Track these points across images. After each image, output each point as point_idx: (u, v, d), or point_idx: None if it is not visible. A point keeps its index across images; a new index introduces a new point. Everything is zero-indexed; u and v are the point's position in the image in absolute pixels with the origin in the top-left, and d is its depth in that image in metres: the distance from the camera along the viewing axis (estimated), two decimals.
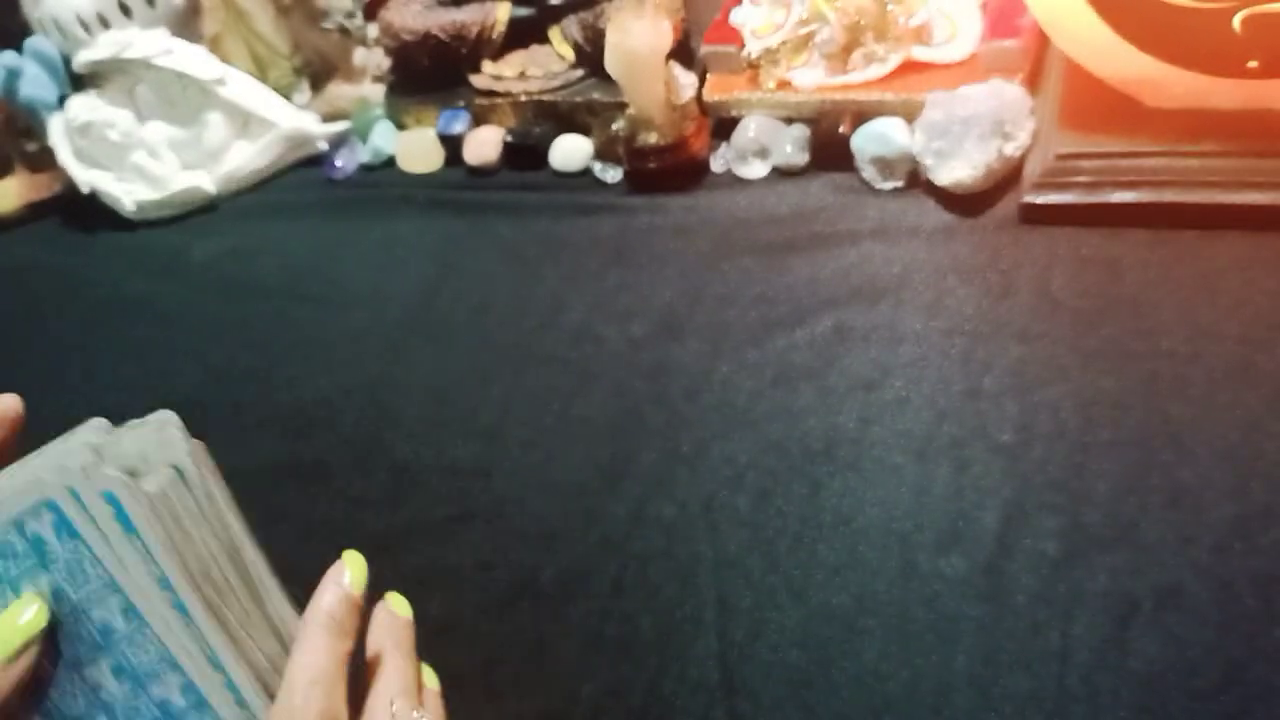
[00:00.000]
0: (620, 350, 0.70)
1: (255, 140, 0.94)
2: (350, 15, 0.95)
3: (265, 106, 0.93)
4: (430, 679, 0.46)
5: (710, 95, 0.81)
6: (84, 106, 0.92)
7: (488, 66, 0.89)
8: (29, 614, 0.38)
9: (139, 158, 0.93)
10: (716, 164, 0.80)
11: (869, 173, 0.74)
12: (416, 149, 0.90)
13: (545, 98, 0.86)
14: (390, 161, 0.92)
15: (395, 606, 0.46)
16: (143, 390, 0.80)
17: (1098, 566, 0.52)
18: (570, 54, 0.87)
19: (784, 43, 0.79)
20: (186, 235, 0.92)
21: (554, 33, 0.88)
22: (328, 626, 0.41)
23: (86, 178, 0.93)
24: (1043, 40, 0.74)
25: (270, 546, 0.44)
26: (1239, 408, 0.56)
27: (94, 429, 0.43)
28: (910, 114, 0.73)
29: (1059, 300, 0.64)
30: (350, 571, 0.43)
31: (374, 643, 0.44)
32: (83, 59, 0.91)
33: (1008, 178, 0.70)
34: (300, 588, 0.65)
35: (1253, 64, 0.61)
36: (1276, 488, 0.53)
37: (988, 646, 0.51)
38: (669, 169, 0.79)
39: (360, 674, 0.43)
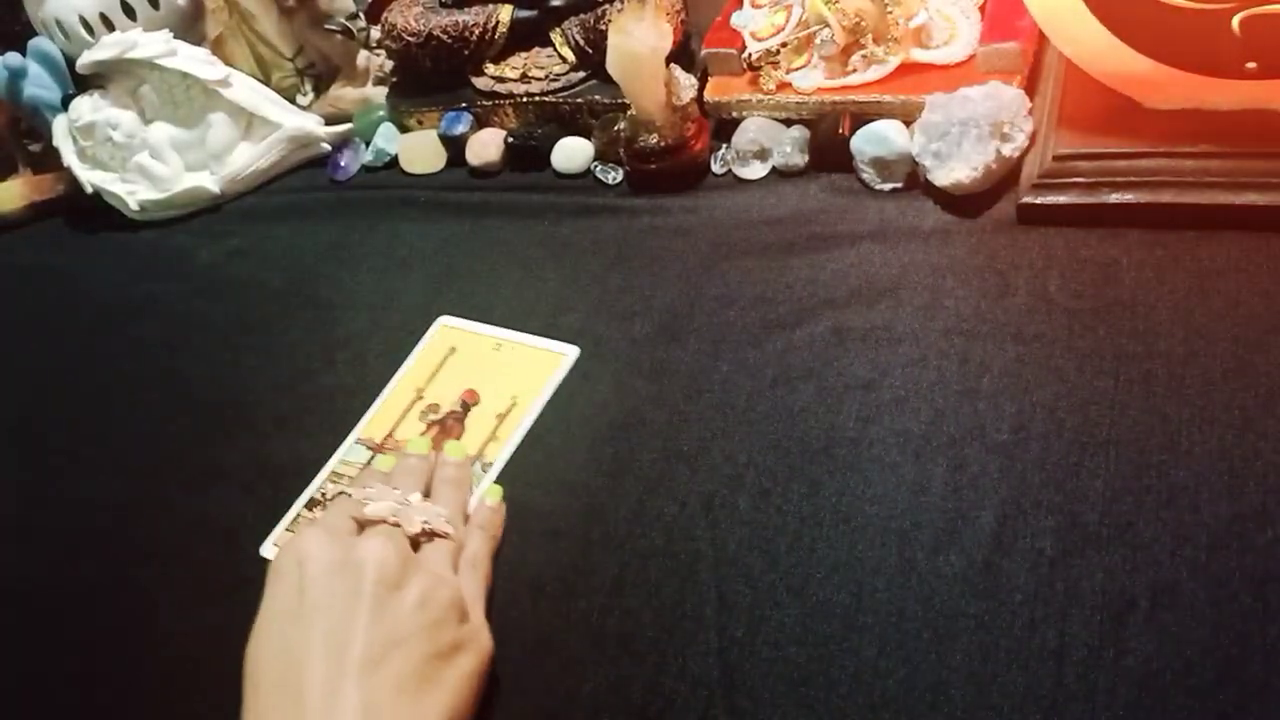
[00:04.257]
0: (621, 350, 0.70)
1: (258, 141, 0.94)
2: (353, 17, 0.95)
3: (268, 108, 0.93)
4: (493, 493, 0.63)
5: (711, 97, 0.81)
6: (87, 107, 0.92)
7: (490, 68, 0.89)
8: None
9: (142, 158, 0.93)
10: (717, 165, 0.81)
11: (868, 174, 0.74)
12: (419, 150, 0.91)
13: (547, 99, 0.87)
14: (393, 163, 0.92)
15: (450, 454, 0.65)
16: (147, 390, 0.80)
17: (1094, 565, 0.52)
18: (572, 56, 0.87)
19: (784, 45, 0.79)
20: (190, 236, 0.93)
21: (555, 35, 0.88)
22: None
23: (90, 178, 0.93)
24: (1041, 42, 0.75)
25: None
26: (1235, 408, 0.56)
27: None
28: (909, 115, 0.73)
29: (1056, 301, 0.64)
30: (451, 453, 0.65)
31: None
32: (86, 60, 0.91)
33: (1006, 179, 0.71)
34: None
35: (1251, 65, 0.61)
36: (1272, 488, 0.53)
37: (985, 644, 0.51)
38: (670, 170, 0.80)
39: None
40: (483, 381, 0.71)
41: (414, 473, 0.62)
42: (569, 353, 0.71)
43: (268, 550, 0.65)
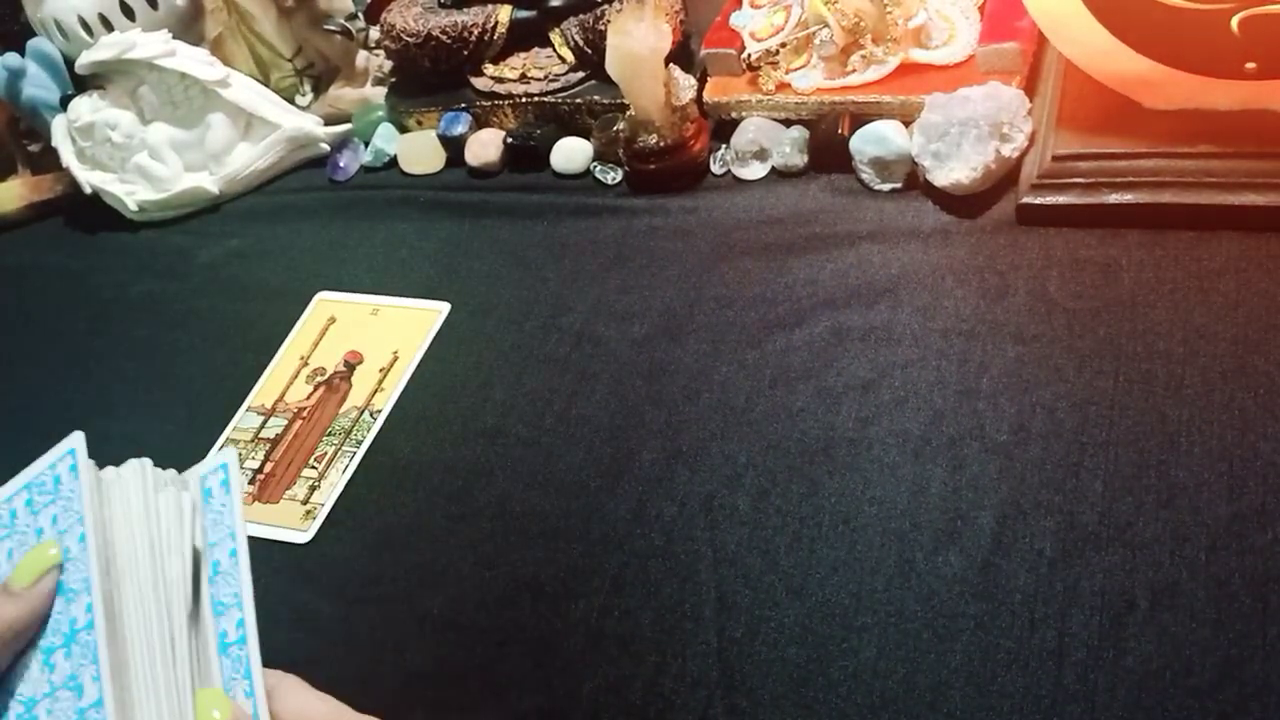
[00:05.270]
0: (620, 351, 0.70)
1: (257, 142, 0.94)
2: (352, 17, 0.95)
3: (267, 108, 0.93)
4: None
5: (710, 97, 0.81)
6: (86, 107, 0.92)
7: (489, 69, 0.89)
8: (53, 550, 0.41)
9: (141, 159, 0.93)
10: (716, 165, 0.80)
11: (867, 174, 0.74)
12: (418, 151, 0.91)
13: (546, 99, 0.86)
14: (392, 163, 0.92)
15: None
16: (145, 391, 0.80)
17: (1094, 565, 0.52)
18: (571, 56, 0.87)
19: (783, 45, 0.79)
20: (189, 237, 0.93)
21: (555, 35, 0.88)
22: None
23: (89, 178, 0.93)
24: (1040, 42, 0.75)
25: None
26: (1234, 408, 0.56)
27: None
28: (908, 116, 0.73)
29: (1056, 301, 0.64)
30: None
31: None
32: (85, 60, 0.91)
33: (1005, 179, 0.71)
34: (300, 582, 0.65)
35: (1250, 65, 0.61)
36: (1271, 487, 0.53)
37: (984, 644, 0.51)
38: (669, 170, 0.80)
39: None
40: (364, 342, 0.76)
41: None
42: (442, 308, 0.75)
43: None
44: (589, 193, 0.83)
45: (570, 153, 0.85)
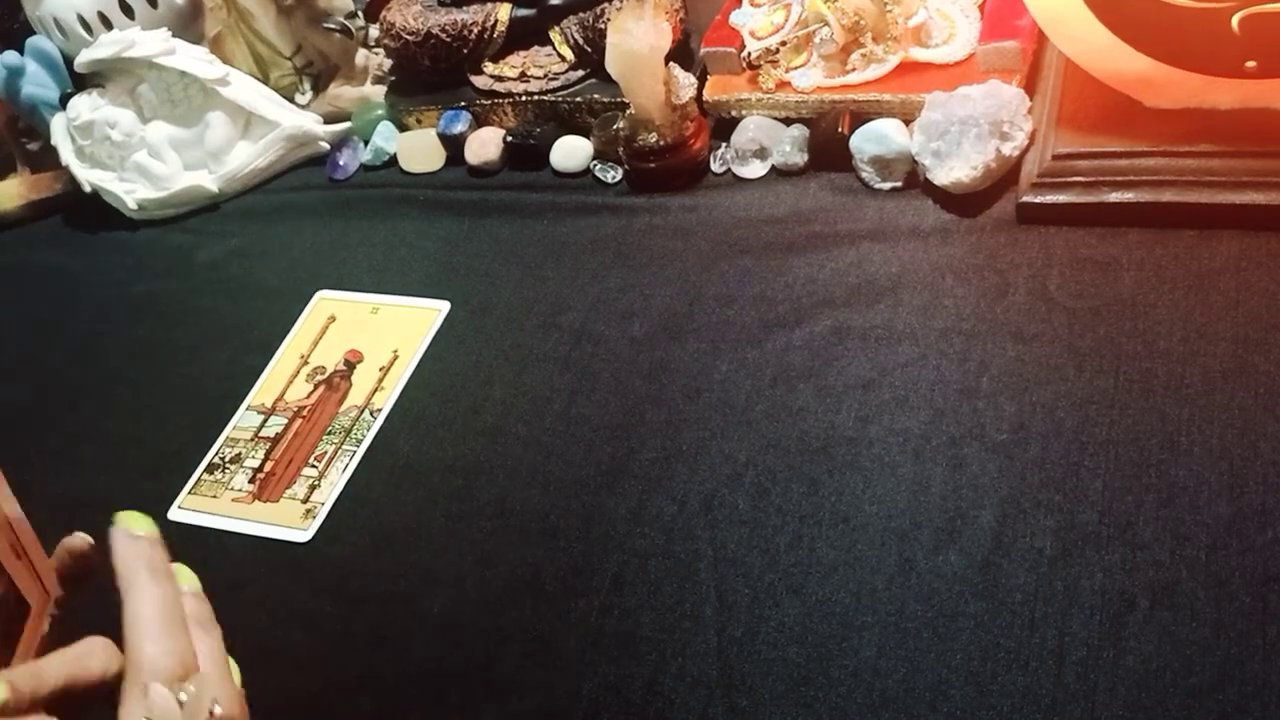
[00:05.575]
0: (620, 349, 0.70)
1: (257, 140, 0.94)
2: (352, 16, 0.95)
3: (267, 106, 0.93)
4: (186, 578, 0.43)
5: (710, 96, 0.81)
6: (86, 106, 0.92)
7: (489, 67, 0.89)
8: None
9: (141, 157, 0.93)
10: (716, 164, 0.80)
11: (867, 173, 0.74)
12: (418, 149, 0.90)
13: (546, 98, 0.86)
14: (392, 161, 0.92)
15: (132, 526, 0.43)
16: (144, 389, 0.80)
17: (1094, 564, 0.52)
18: (571, 55, 0.87)
19: (783, 43, 0.79)
20: (188, 235, 0.93)
21: (554, 33, 0.88)
22: (149, 569, 0.41)
23: (88, 177, 0.93)
24: (1041, 41, 0.75)
25: None
26: (1235, 407, 0.56)
27: None
28: (909, 114, 0.73)
29: (1056, 300, 0.64)
30: (132, 524, 0.43)
31: (122, 572, 0.41)
32: (85, 58, 0.91)
33: (1006, 178, 0.71)
34: (300, 582, 0.65)
35: (1251, 64, 0.61)
36: (1272, 487, 0.53)
37: (985, 643, 0.51)
38: (669, 169, 0.80)
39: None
40: (364, 341, 0.76)
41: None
42: (442, 307, 0.76)
43: (173, 513, 0.70)
44: (589, 191, 0.83)
45: (570, 151, 0.85)
